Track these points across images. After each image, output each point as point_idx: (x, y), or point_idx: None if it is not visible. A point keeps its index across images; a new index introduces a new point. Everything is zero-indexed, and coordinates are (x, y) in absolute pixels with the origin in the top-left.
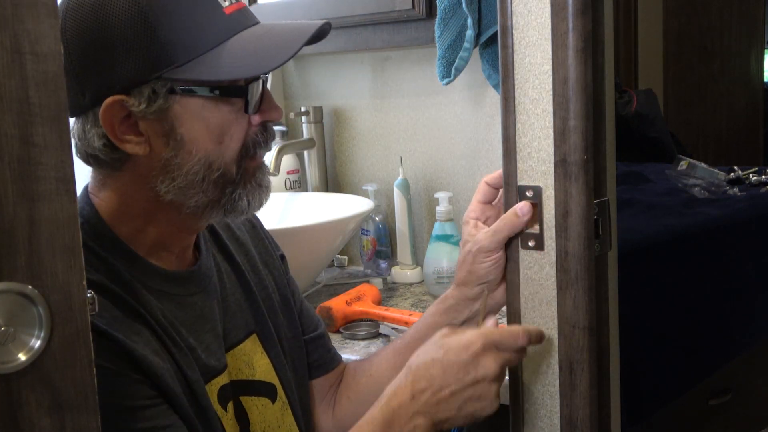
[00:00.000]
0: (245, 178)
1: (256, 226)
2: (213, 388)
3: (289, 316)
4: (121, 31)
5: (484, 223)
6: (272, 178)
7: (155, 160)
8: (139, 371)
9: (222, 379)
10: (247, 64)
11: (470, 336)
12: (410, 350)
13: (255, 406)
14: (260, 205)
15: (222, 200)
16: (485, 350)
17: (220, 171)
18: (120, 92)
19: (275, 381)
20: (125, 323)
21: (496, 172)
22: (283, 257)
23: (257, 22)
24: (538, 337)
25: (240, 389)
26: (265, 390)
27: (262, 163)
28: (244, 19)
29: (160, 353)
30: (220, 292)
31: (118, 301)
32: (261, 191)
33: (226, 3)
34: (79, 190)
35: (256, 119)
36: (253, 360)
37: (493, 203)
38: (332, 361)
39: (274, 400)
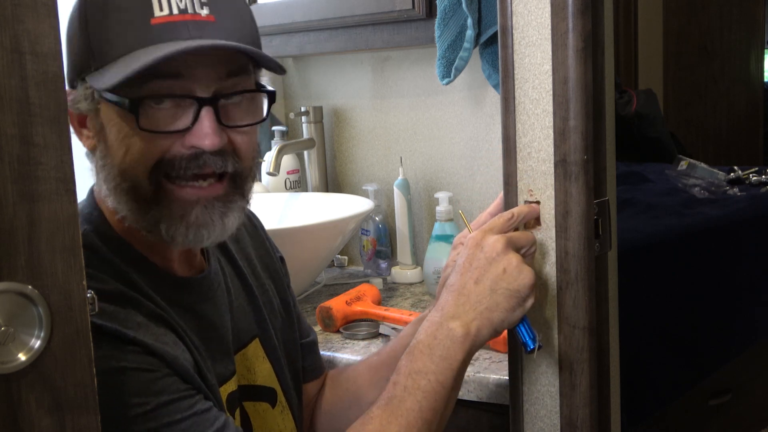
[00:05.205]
0: (165, 204)
1: (257, 227)
2: (222, 395)
3: (288, 320)
4: (73, 27)
5: None
6: (272, 178)
7: (98, 159)
8: (171, 369)
9: (230, 386)
10: (118, 74)
11: (488, 241)
12: (385, 367)
13: (257, 411)
14: (188, 240)
15: (143, 223)
16: (506, 248)
17: (130, 183)
18: (71, 86)
19: (276, 386)
20: (151, 327)
21: (498, 200)
22: (282, 260)
23: (200, 37)
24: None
25: (244, 394)
26: (266, 395)
27: (199, 199)
28: (174, 33)
29: (186, 354)
30: (226, 297)
31: (140, 307)
32: (187, 227)
33: (162, 12)
34: (81, 191)
35: (189, 140)
36: (255, 365)
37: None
38: (321, 368)
39: (274, 405)
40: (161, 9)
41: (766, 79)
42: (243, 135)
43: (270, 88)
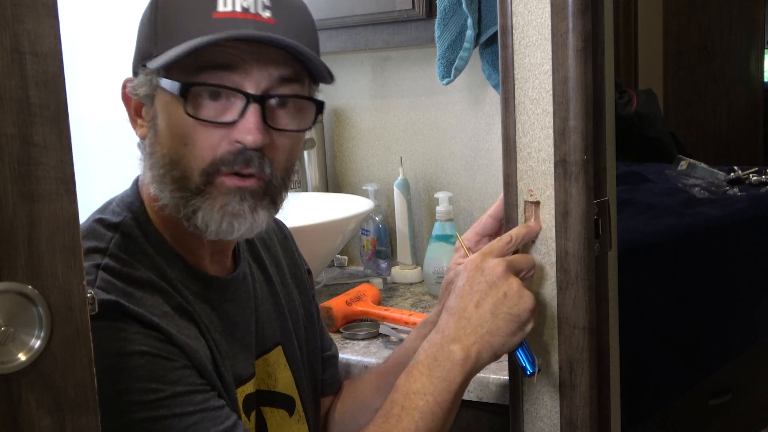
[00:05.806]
0: (208, 194)
1: (287, 237)
2: (239, 396)
3: (311, 331)
4: (144, 17)
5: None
6: None
7: (146, 147)
8: (190, 361)
9: (248, 388)
10: (172, 54)
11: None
12: (392, 374)
13: (274, 417)
14: (221, 229)
15: (183, 210)
16: (507, 272)
17: (182, 174)
18: (134, 74)
19: (295, 394)
20: (175, 319)
21: (498, 202)
22: (309, 272)
23: (259, 34)
24: (526, 235)
25: (262, 399)
26: (285, 402)
27: (238, 189)
28: (234, 26)
29: (206, 350)
30: (253, 301)
31: (167, 298)
32: (222, 215)
33: (226, 9)
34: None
35: (233, 135)
36: (276, 371)
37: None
38: (339, 382)
39: (291, 414)
40: (225, 5)
41: (766, 79)
42: (284, 140)
43: (320, 99)
